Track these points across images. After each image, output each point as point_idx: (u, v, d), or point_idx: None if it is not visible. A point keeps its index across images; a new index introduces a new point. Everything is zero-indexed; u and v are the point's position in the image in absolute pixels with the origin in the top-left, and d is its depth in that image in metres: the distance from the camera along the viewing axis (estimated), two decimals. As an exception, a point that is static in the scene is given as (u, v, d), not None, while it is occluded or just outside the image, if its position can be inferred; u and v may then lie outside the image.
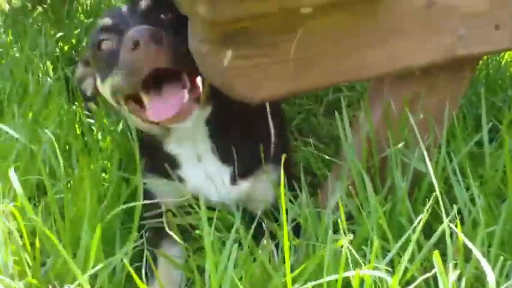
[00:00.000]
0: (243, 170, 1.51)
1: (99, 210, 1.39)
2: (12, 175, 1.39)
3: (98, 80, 1.45)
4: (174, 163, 1.51)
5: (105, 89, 1.42)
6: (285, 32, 1.20)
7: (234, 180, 1.51)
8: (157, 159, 1.52)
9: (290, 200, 1.38)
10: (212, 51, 1.15)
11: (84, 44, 2.78)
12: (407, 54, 1.33)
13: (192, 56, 1.21)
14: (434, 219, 1.30)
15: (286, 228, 1.00)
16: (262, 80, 1.21)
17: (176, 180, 1.51)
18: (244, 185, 1.52)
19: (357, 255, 1.03)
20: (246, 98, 1.22)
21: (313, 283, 0.99)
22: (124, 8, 1.42)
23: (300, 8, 1.16)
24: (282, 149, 1.56)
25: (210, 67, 1.19)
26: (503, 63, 2.34)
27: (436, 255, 0.95)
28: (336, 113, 1.39)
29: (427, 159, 1.21)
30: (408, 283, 1.08)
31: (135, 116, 1.38)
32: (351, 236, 1.00)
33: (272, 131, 1.58)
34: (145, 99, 1.30)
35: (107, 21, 1.40)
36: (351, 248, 1.01)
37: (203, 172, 1.50)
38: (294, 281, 1.04)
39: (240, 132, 1.51)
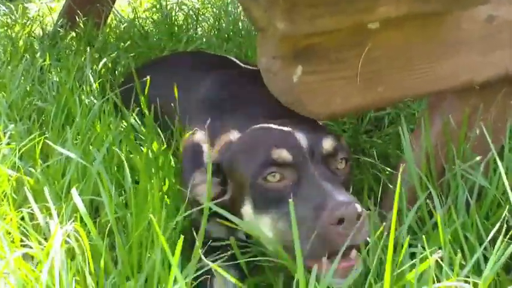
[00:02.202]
0: None
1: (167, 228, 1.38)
2: (75, 194, 1.40)
3: (248, 207, 1.32)
4: None
5: (261, 221, 1.30)
6: (352, 48, 1.22)
7: None
8: None
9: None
10: (283, 68, 1.17)
11: (120, 68, 2.80)
12: (471, 68, 1.34)
13: None
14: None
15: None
16: (331, 96, 1.22)
17: None
18: None
19: (447, 270, 1.02)
20: (315, 114, 1.23)
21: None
22: (302, 139, 1.27)
23: (368, 23, 1.18)
24: None
25: (280, 84, 1.20)
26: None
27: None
28: (400, 129, 1.39)
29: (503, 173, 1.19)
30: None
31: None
32: (439, 253, 0.99)
33: None
34: None
35: (284, 155, 1.26)
36: (440, 262, 1.00)
37: None
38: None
39: None
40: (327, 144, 1.28)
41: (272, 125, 1.35)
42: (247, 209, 1.33)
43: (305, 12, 1.07)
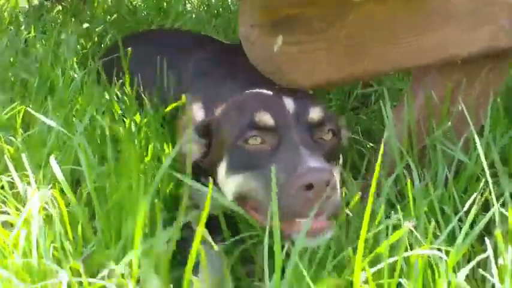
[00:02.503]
0: None
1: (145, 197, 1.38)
2: (53, 161, 1.39)
3: (223, 166, 1.33)
4: None
5: (227, 180, 1.32)
6: (335, 19, 1.20)
7: None
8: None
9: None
10: (262, 37, 1.16)
11: (107, 40, 2.78)
12: (455, 43, 1.34)
13: None
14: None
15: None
16: (312, 67, 1.21)
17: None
18: None
19: (419, 237, 1.02)
20: (297, 84, 1.22)
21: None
22: (289, 105, 1.27)
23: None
24: None
25: (259, 54, 1.19)
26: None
27: (498, 235, 0.95)
28: (381, 103, 1.38)
29: (480, 149, 1.19)
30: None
31: (246, 212, 1.30)
32: (413, 222, 1.00)
33: None
34: None
35: (266, 119, 1.26)
36: (413, 230, 1.01)
37: None
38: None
39: None
40: (315, 113, 1.27)
41: (262, 90, 1.34)
42: (221, 169, 1.32)
43: (286, -21, 1.06)
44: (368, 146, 1.61)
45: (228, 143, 1.31)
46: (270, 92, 1.32)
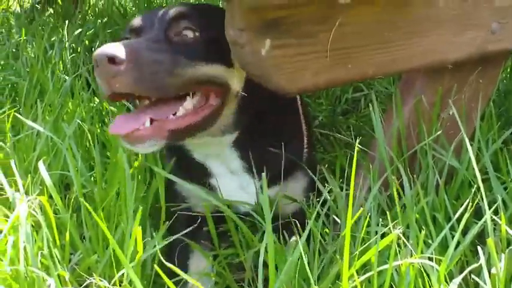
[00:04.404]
0: (274, 178, 1.48)
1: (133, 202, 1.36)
2: (42, 167, 1.38)
3: None
4: (205, 171, 1.49)
5: None
6: (323, 23, 1.19)
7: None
8: (187, 165, 1.51)
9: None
10: (250, 41, 1.14)
11: (97, 45, 2.76)
12: (444, 48, 1.32)
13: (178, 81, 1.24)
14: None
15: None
16: (300, 71, 1.19)
17: (207, 187, 1.49)
18: (274, 190, 1.50)
19: (409, 245, 1.01)
20: (283, 89, 1.20)
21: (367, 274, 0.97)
22: (161, 11, 1.38)
23: (340, -3, 1.16)
24: (310, 157, 1.57)
25: (247, 57, 1.17)
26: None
27: (490, 242, 0.94)
28: (370, 106, 1.37)
29: (471, 154, 1.18)
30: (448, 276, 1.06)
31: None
32: (400, 229, 0.98)
33: (303, 138, 1.59)
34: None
35: (136, 22, 1.39)
36: (403, 238, 0.99)
37: (237, 182, 1.50)
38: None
39: (270, 145, 1.48)
40: (172, 11, 1.34)
41: None
42: None
43: (274, -17, 1.05)
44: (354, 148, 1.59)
45: None
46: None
